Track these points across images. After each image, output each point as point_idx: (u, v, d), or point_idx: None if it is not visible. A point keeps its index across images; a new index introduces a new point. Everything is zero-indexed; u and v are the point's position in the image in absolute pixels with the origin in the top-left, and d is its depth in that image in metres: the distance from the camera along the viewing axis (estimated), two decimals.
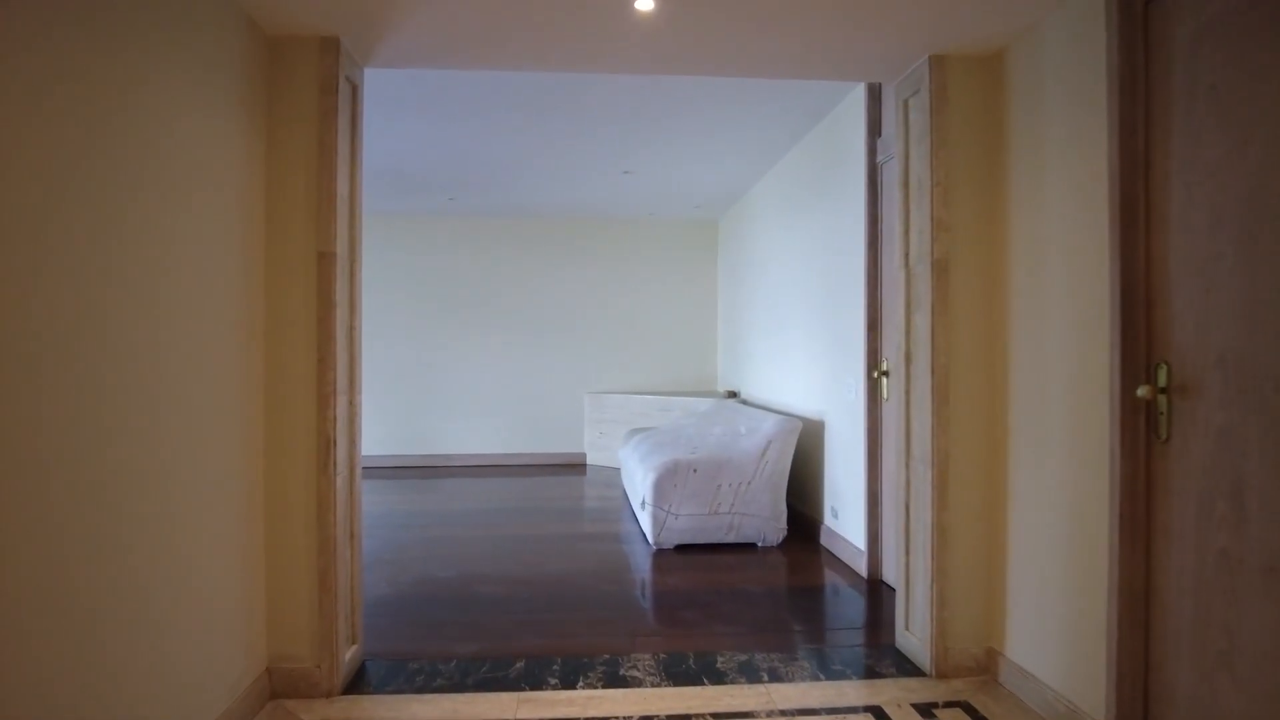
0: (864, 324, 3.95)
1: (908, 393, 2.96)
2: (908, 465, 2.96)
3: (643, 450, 5.09)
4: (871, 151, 3.96)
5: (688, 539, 4.44)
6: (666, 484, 4.39)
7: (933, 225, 2.77)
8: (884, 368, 3.82)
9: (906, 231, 2.98)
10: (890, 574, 3.81)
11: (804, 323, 4.98)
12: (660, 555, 4.37)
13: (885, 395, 3.82)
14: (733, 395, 6.90)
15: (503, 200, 6.97)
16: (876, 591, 3.79)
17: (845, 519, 4.28)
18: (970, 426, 2.77)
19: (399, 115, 4.51)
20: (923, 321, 2.83)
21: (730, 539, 4.48)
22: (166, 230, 1.96)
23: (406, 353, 7.82)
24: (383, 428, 7.77)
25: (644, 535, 4.66)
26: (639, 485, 4.70)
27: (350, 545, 2.79)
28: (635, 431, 6.16)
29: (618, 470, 7.33)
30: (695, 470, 4.42)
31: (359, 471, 2.84)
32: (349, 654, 2.75)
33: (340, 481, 2.66)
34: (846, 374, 4.24)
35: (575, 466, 7.71)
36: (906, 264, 2.97)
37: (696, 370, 8.08)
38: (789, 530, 4.65)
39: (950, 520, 2.77)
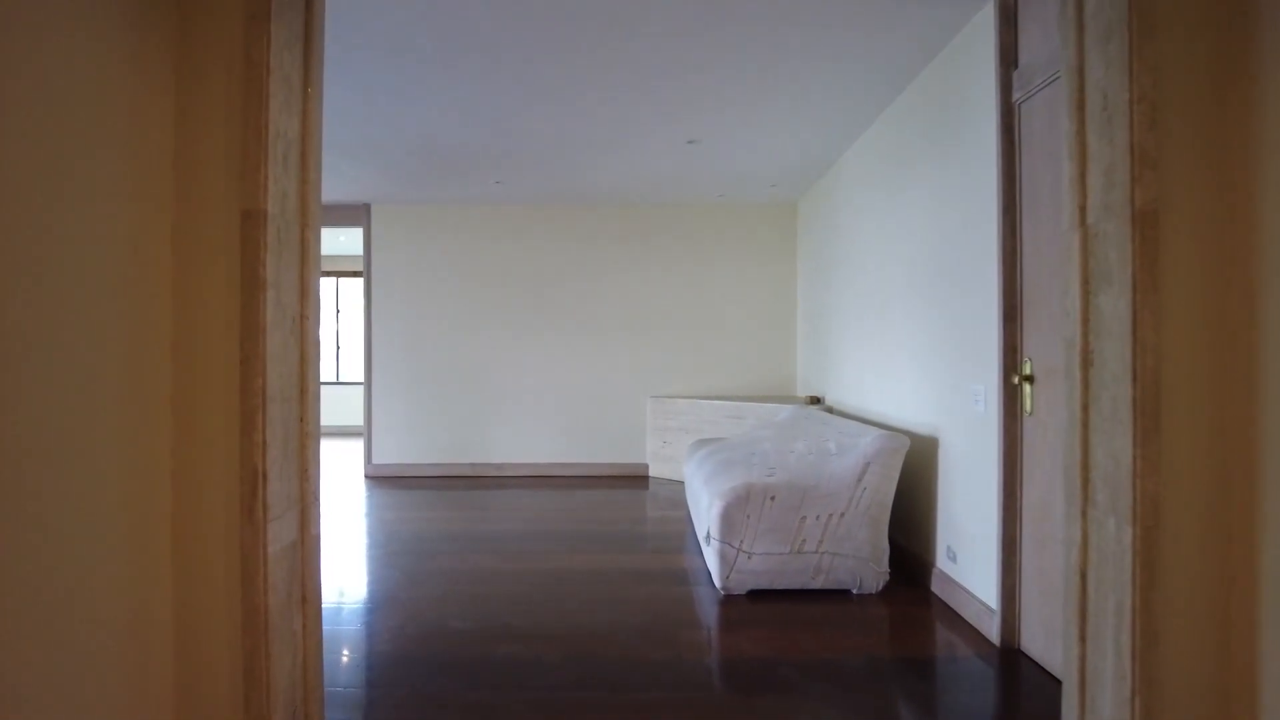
0: (998, 313, 3.01)
1: (1085, 409, 2.04)
2: (1085, 514, 2.04)
3: (709, 469, 4.25)
4: (1005, 89, 3.02)
5: (764, 583, 3.58)
6: (737, 515, 3.54)
7: (1132, 160, 1.85)
8: (1027, 371, 2.89)
9: (1082, 175, 2.06)
10: (1034, 644, 2.87)
11: (909, 314, 4.06)
12: (729, 604, 3.52)
13: (1029, 408, 2.89)
14: (815, 401, 5.98)
15: (555, 182, 6.24)
16: (1014, 667, 2.86)
17: (968, 565, 3.35)
18: (1195, 464, 1.84)
19: (423, 74, 3.81)
20: (1114, 304, 1.92)
21: (818, 584, 3.60)
22: None
23: (453, 354, 7.19)
24: (428, 435, 7.16)
25: (710, 575, 3.82)
26: (703, 514, 3.87)
27: (301, 614, 2.06)
28: (701, 443, 5.32)
29: (683, 484, 6.51)
30: (773, 498, 3.56)
31: (316, 512, 2.10)
32: None
33: (280, 529, 1.93)
34: (969, 378, 3.31)
35: (636, 479, 6.92)
36: (1083, 222, 2.05)
37: (773, 372, 7.18)
38: (891, 572, 3.74)
39: (1162, 603, 1.84)
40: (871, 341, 4.74)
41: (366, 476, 7.13)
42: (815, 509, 3.56)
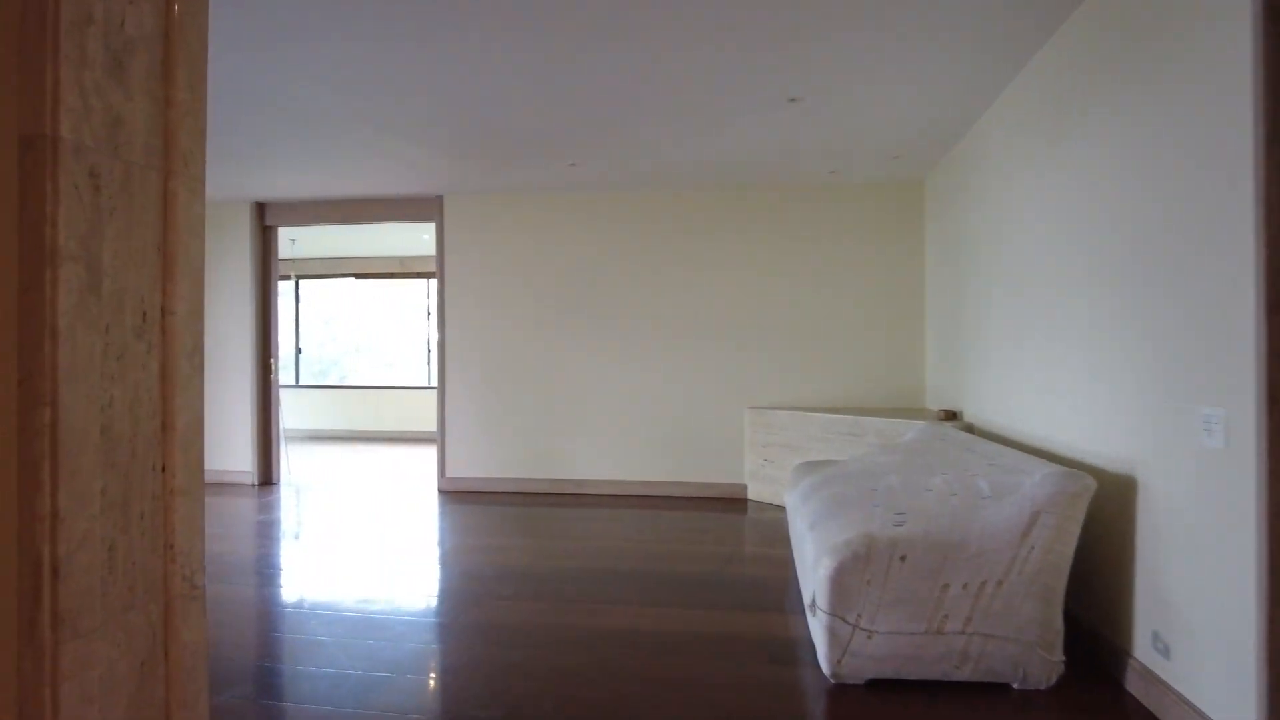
0: (1256, 302, 1.99)
1: None
2: None
3: (816, 507, 3.35)
4: None
5: (889, 671, 2.66)
6: (853, 579, 2.63)
7: None
8: None
9: None
10: None
11: (1090, 308, 3.02)
12: (842, 699, 2.62)
13: None
14: (950, 418, 4.94)
15: (634, 161, 5.47)
16: None
17: (1192, 665, 2.32)
18: None
19: (474, 29, 3.12)
20: None
21: (964, 675, 2.64)
22: None
23: (529, 359, 6.53)
24: (504, 447, 6.54)
25: (816, 652, 2.92)
26: (808, 571, 2.98)
27: None
28: (807, 469, 4.40)
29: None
30: (903, 558, 2.63)
31: (196, 608, 1.38)
32: None
33: (97, 649, 1.21)
34: (1193, 397, 2.28)
35: (732, 502, 6.04)
36: None
37: (895, 380, 6.13)
38: (1066, 661, 2.73)
39: None
40: (1030, 344, 3.70)
41: (440, 491, 6.59)
42: (962, 574, 2.60)
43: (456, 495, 6.41)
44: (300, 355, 12.15)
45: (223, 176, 6.02)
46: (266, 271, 7.07)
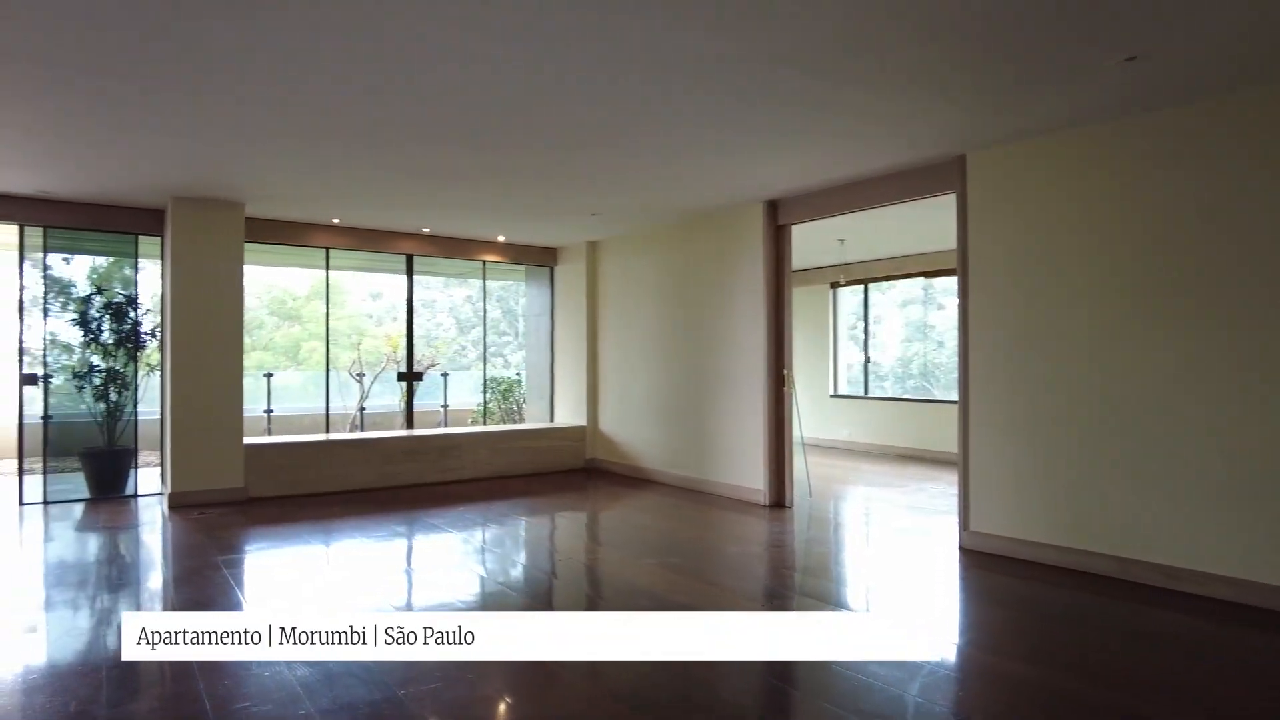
0: None
1: None
2: None
3: None
4: None
5: None
6: None
7: None
8: None
9: None
10: None
11: None
12: None
13: None
14: None
15: (1247, 31, 3.07)
16: None
17: None
18: None
19: None
20: None
21: None
22: None
23: (1087, 372, 4.42)
24: (1050, 501, 4.59)
25: None
26: None
27: None
28: None
29: None
30: None
31: None
32: None
33: None
34: None
35: None
36: None
37: None
38: None
39: None
40: None
41: (961, 549, 4.98)
42: None
43: (982, 559, 4.73)
44: (869, 365, 11.45)
45: (731, 177, 5.60)
46: (780, 274, 6.48)
